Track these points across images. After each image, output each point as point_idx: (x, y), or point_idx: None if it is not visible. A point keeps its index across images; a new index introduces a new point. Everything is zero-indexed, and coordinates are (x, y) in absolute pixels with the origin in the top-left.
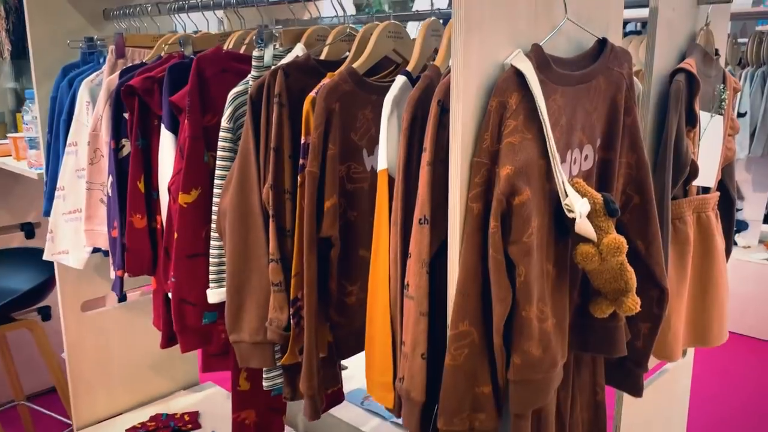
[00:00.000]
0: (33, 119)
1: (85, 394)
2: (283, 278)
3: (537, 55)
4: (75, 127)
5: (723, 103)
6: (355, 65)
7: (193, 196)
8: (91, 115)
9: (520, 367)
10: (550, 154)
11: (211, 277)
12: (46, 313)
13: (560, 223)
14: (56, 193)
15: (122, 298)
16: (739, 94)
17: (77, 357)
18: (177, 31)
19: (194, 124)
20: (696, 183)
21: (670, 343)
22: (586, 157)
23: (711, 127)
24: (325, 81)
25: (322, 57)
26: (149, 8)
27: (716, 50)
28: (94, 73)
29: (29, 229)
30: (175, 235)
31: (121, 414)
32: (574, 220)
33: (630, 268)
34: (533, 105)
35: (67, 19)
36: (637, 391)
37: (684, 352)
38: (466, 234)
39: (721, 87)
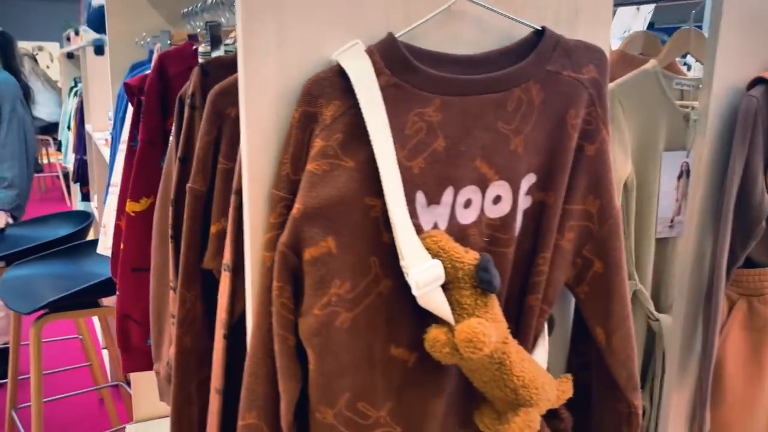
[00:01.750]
0: (111, 117)
1: (144, 390)
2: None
3: (386, 48)
4: (127, 125)
5: None
6: None
7: (143, 205)
8: None
9: None
10: (386, 193)
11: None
12: None
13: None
14: (110, 189)
15: None
16: None
17: None
18: None
19: (149, 126)
20: None
21: None
22: (498, 198)
23: None
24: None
25: None
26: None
27: None
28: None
29: None
30: (122, 246)
31: None
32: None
33: (523, 372)
34: (362, 120)
35: (146, 18)
36: None
37: None
38: (257, 294)
39: None
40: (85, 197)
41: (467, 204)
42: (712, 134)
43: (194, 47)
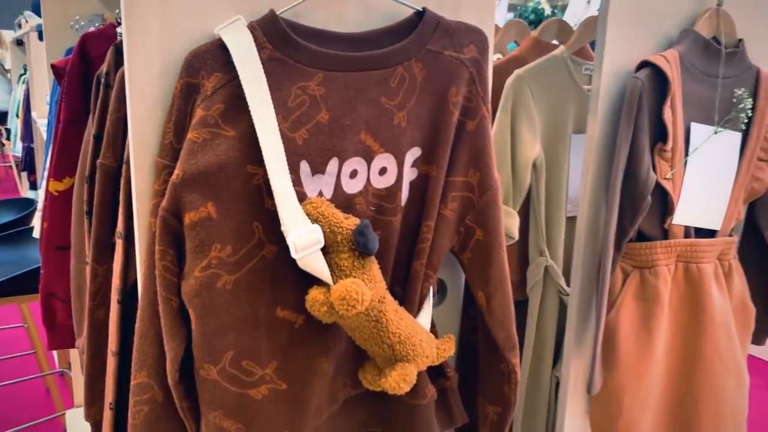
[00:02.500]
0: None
1: None
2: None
3: (268, 24)
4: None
5: (742, 115)
6: None
7: (66, 185)
8: None
9: None
10: (267, 161)
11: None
12: None
13: None
14: (44, 174)
15: None
16: None
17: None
18: None
19: (70, 106)
20: (681, 222)
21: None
22: (383, 170)
23: (715, 147)
24: None
25: None
26: None
27: (740, 40)
28: None
29: None
30: (45, 225)
31: None
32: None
33: (399, 329)
34: (242, 91)
35: (83, 2)
36: None
37: None
38: (144, 257)
39: (743, 92)
40: (33, 186)
41: (353, 174)
42: (603, 115)
43: (116, 28)
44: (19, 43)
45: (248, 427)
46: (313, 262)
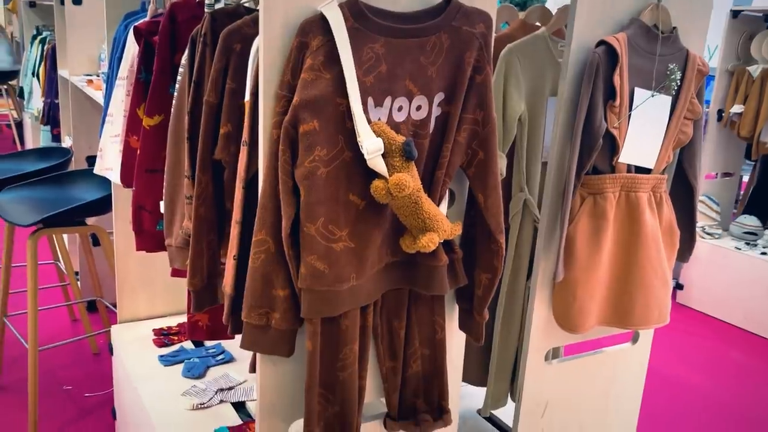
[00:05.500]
0: (105, 58)
1: (128, 296)
2: (193, 192)
3: (351, 5)
4: (123, 64)
5: (673, 84)
6: None
7: (156, 121)
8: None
9: (305, 277)
10: (350, 95)
11: (164, 191)
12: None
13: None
14: (106, 119)
15: None
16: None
17: (125, 265)
18: None
19: (162, 60)
20: (625, 160)
21: (574, 315)
22: (419, 107)
23: (651, 106)
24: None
25: (256, 6)
26: None
27: (674, 28)
28: (143, 20)
29: (92, 160)
30: (138, 152)
31: (156, 318)
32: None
33: (429, 208)
34: (337, 49)
35: None
36: (476, 336)
37: (636, 336)
38: (266, 156)
39: (675, 67)
40: (55, 138)
41: (399, 108)
42: (570, 80)
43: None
44: (32, 5)
45: (331, 267)
46: (378, 163)
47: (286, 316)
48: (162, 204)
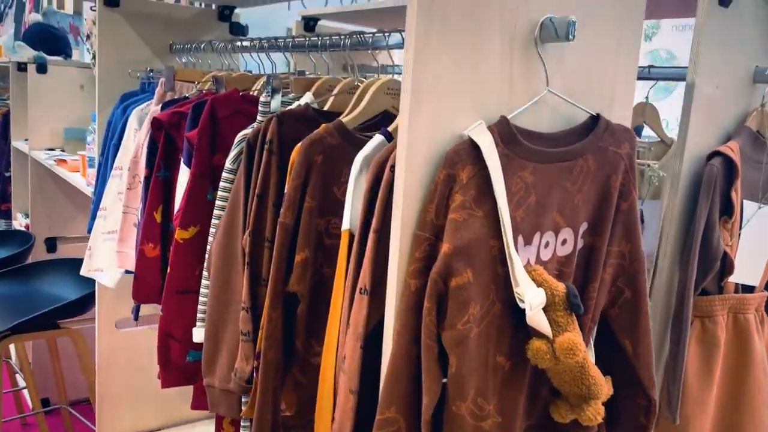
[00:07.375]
0: (93, 141)
1: (110, 409)
2: (251, 328)
3: (502, 127)
4: (122, 152)
5: None
6: (345, 119)
7: (191, 233)
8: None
9: None
10: (503, 236)
11: (198, 315)
12: None
13: (518, 313)
14: (98, 213)
15: (135, 317)
16: None
17: (107, 371)
18: (239, 69)
19: (200, 161)
20: (734, 279)
21: None
22: (564, 241)
23: (758, 220)
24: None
25: (326, 108)
26: (215, 45)
27: None
28: (146, 103)
29: (51, 244)
30: (168, 270)
31: None
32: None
33: (595, 373)
34: (489, 180)
35: (135, 51)
36: None
37: None
38: (400, 312)
39: None
40: (4, 214)
41: (546, 245)
42: (682, 191)
43: (240, 93)
44: None
45: None
46: (539, 318)
47: None
48: (195, 332)
